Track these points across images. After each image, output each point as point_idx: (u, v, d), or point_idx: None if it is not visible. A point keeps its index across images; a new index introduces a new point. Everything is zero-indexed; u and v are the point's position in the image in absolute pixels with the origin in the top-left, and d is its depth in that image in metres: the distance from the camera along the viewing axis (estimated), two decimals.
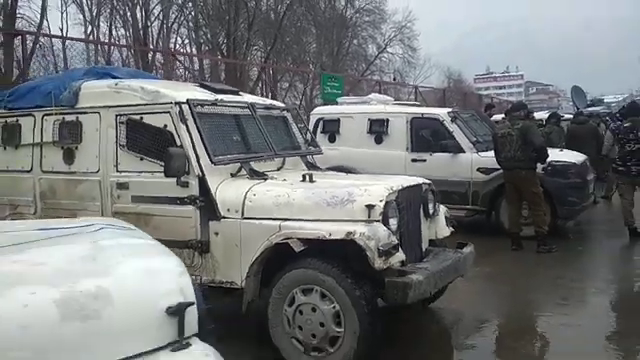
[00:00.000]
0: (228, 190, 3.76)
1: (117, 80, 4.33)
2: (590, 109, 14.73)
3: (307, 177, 3.83)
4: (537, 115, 12.29)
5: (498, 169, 6.96)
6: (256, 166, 4.08)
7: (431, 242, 4.22)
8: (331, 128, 8.49)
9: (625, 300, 5.19)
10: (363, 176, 4.73)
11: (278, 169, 4.40)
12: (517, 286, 5.57)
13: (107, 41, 22.87)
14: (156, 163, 3.86)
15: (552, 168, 6.94)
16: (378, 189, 3.54)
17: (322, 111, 9.14)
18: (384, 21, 33.49)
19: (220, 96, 4.32)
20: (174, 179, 3.73)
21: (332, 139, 8.38)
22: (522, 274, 5.93)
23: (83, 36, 22.76)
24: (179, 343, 1.44)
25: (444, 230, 4.28)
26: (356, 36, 32.52)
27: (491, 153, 7.01)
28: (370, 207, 3.38)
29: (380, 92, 15.92)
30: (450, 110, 8.26)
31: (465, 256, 4.15)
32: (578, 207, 7.23)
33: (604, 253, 7.09)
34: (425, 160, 7.65)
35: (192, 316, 1.46)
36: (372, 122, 8.20)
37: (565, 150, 8.19)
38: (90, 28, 24.68)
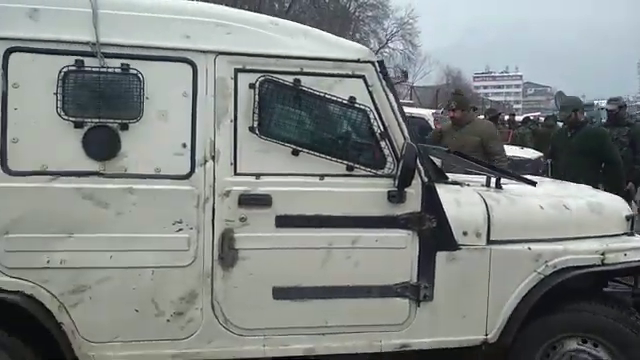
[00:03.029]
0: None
1: None
2: None
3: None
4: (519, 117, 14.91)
5: None
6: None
7: None
8: None
9: None
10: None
11: None
12: None
13: None
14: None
15: (511, 162, 9.37)
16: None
17: None
18: (386, 17, 35.61)
19: None
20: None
21: None
22: None
23: None
24: (629, 234, 2.80)
25: None
26: (358, 30, 34.44)
27: None
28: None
29: None
30: (434, 111, 10.86)
31: None
32: None
33: None
34: None
35: (634, 222, 2.84)
36: None
37: (526, 148, 10.68)
38: None
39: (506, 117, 14.33)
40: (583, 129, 5.28)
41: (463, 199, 2.61)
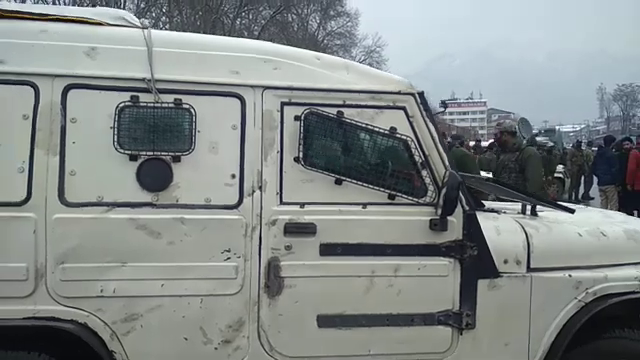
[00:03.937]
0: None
1: None
2: (539, 139, 18.17)
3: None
4: (485, 143, 15.38)
5: None
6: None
7: None
8: None
9: None
10: None
11: None
12: None
13: None
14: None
15: None
16: None
17: None
18: (354, 45, 36.57)
19: None
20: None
21: None
22: None
23: None
24: None
25: None
26: None
27: None
28: None
29: None
30: None
31: None
32: None
33: None
34: None
35: None
36: None
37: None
38: None
39: (472, 143, 14.75)
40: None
41: (502, 227, 2.70)
